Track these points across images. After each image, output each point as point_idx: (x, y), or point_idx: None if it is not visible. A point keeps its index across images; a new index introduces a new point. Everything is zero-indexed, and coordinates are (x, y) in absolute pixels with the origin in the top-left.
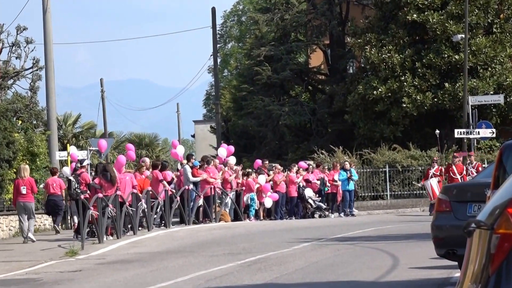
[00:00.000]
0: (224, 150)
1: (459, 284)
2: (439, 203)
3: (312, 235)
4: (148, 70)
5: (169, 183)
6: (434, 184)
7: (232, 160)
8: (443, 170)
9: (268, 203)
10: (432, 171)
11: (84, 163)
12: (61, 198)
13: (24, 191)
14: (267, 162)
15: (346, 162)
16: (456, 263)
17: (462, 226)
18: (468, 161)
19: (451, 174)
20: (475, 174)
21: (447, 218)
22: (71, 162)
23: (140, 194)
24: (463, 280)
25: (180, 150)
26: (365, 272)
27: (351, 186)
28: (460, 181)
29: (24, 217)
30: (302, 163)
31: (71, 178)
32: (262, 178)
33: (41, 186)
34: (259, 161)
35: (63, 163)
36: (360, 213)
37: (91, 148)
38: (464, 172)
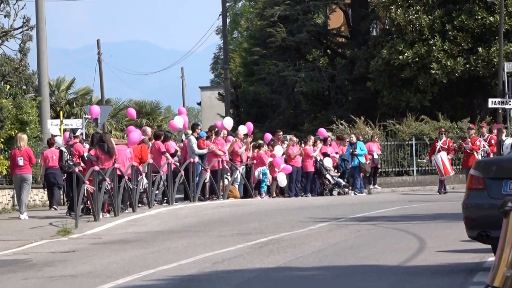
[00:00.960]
0: (229, 120)
1: (493, 269)
2: (471, 180)
3: (330, 214)
4: (150, 31)
5: (173, 155)
6: (444, 158)
7: (242, 130)
8: (451, 143)
9: (282, 179)
10: (439, 143)
11: (78, 133)
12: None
13: (21, 162)
14: (281, 133)
15: (352, 135)
16: (489, 246)
17: (497, 205)
18: (480, 133)
19: (464, 145)
20: (487, 147)
21: (480, 197)
22: (64, 131)
23: (140, 167)
24: (498, 265)
25: (179, 121)
26: (389, 256)
27: (355, 162)
28: (477, 156)
29: (23, 190)
30: (322, 131)
31: (63, 149)
32: (279, 150)
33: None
34: (268, 135)
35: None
36: (384, 190)
37: (86, 116)
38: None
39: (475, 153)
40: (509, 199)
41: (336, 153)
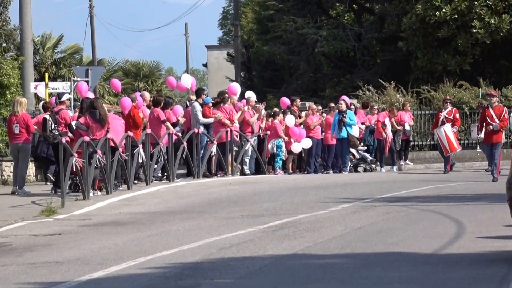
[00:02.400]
0: (236, 86)
1: None
2: None
3: (355, 194)
4: None
5: (174, 125)
6: (448, 131)
7: (253, 96)
8: (457, 114)
9: (297, 148)
10: (443, 114)
11: (64, 98)
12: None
13: (16, 130)
14: (299, 100)
15: (342, 102)
16: None
17: None
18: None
19: (488, 119)
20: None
21: None
22: (50, 96)
23: (136, 137)
24: None
25: (186, 81)
26: (421, 242)
27: (343, 133)
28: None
29: (20, 162)
30: (345, 98)
31: (47, 116)
32: (290, 119)
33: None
34: (286, 100)
35: (39, 97)
36: (416, 166)
37: (75, 78)
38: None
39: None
40: None
41: (363, 123)
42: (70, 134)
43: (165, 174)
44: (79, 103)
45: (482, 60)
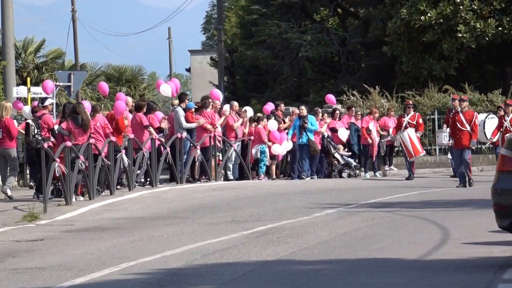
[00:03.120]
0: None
1: None
2: (502, 161)
3: (339, 199)
4: None
5: (161, 130)
6: (413, 136)
7: (235, 102)
8: (420, 118)
9: (277, 150)
10: (406, 119)
11: (47, 103)
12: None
13: None
14: (282, 105)
15: (302, 107)
16: None
17: None
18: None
19: (458, 124)
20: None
21: None
22: (32, 100)
23: (119, 143)
24: None
25: (167, 90)
26: (406, 248)
27: (304, 138)
28: (470, 133)
29: (7, 167)
30: (331, 97)
31: (30, 121)
32: (272, 124)
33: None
34: (269, 106)
35: (24, 101)
36: (401, 172)
37: (57, 83)
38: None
39: (469, 131)
40: None
41: (347, 128)
42: (53, 139)
43: (148, 179)
44: (61, 108)
45: (468, 65)
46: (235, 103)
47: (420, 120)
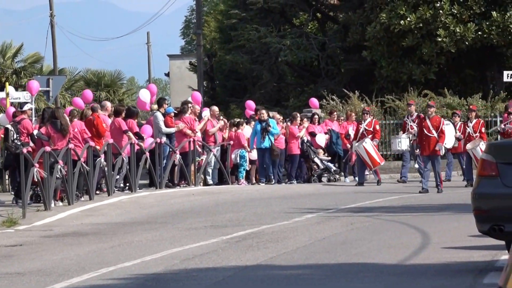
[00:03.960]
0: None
1: (507, 268)
2: (482, 165)
3: (319, 204)
4: None
5: (138, 137)
6: (368, 147)
7: (215, 106)
8: (377, 125)
9: (255, 155)
10: (363, 126)
11: (26, 108)
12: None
13: None
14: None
15: (263, 111)
16: (503, 242)
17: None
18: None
19: (425, 131)
20: (476, 136)
21: (493, 185)
22: (10, 105)
23: (98, 148)
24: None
25: (145, 95)
26: (386, 253)
27: (267, 142)
28: (437, 139)
29: None
30: (314, 101)
31: (9, 126)
32: (248, 130)
33: None
34: (251, 104)
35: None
36: (381, 176)
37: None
38: (455, 132)
39: (436, 137)
40: None
41: (325, 133)
42: (32, 144)
43: (127, 184)
44: (40, 113)
45: (447, 69)
46: (215, 108)
47: (377, 127)
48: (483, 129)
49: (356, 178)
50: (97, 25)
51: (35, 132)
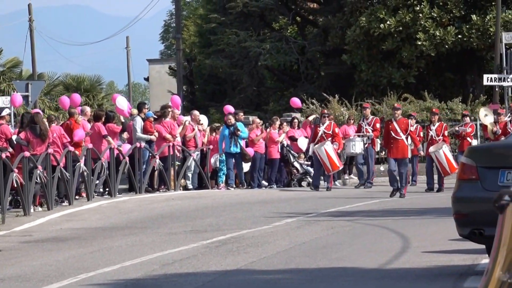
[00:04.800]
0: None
1: (487, 273)
2: (462, 169)
3: (299, 208)
4: None
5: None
6: (329, 150)
7: (196, 111)
8: (336, 129)
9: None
10: (321, 129)
11: (4, 113)
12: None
13: None
14: (241, 114)
15: (230, 116)
16: (483, 246)
17: (492, 198)
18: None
19: (392, 133)
20: (439, 139)
21: (473, 189)
22: None
23: (77, 153)
24: (492, 268)
25: (122, 102)
26: (366, 257)
27: (234, 148)
28: (405, 142)
29: None
30: (296, 101)
31: None
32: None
33: None
34: (230, 108)
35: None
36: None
37: (15, 92)
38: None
39: (404, 140)
40: (505, 192)
41: (306, 137)
42: (10, 149)
43: (107, 189)
44: (19, 118)
45: (427, 73)
46: (196, 112)
47: (337, 130)
48: (445, 133)
49: (337, 183)
50: (76, 30)
51: (14, 137)
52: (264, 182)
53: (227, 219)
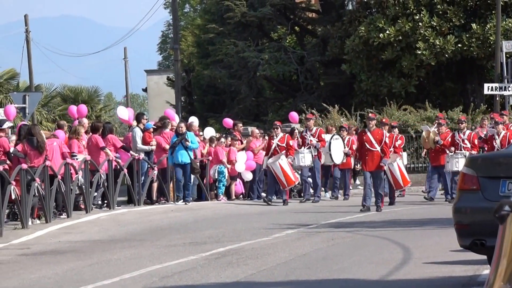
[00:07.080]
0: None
1: (488, 284)
2: (463, 179)
3: (299, 220)
4: (87, 4)
5: (126, 150)
6: (284, 165)
7: (196, 121)
8: (291, 140)
9: (247, 175)
10: (275, 141)
11: (4, 126)
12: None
13: None
14: (241, 124)
15: (181, 124)
16: (484, 257)
17: (493, 209)
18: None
19: (367, 145)
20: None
21: (474, 199)
22: None
23: (75, 164)
24: (493, 279)
25: (123, 112)
26: (367, 268)
27: (185, 157)
28: (381, 152)
29: None
30: (294, 115)
31: None
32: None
33: None
34: (229, 121)
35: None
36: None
37: (13, 104)
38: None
39: (380, 151)
40: (506, 202)
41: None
42: (8, 162)
43: (105, 201)
44: (16, 130)
45: (427, 82)
46: (195, 123)
47: (291, 142)
48: (397, 144)
49: (337, 194)
50: (74, 41)
51: (12, 149)
52: (263, 194)
53: (227, 231)
